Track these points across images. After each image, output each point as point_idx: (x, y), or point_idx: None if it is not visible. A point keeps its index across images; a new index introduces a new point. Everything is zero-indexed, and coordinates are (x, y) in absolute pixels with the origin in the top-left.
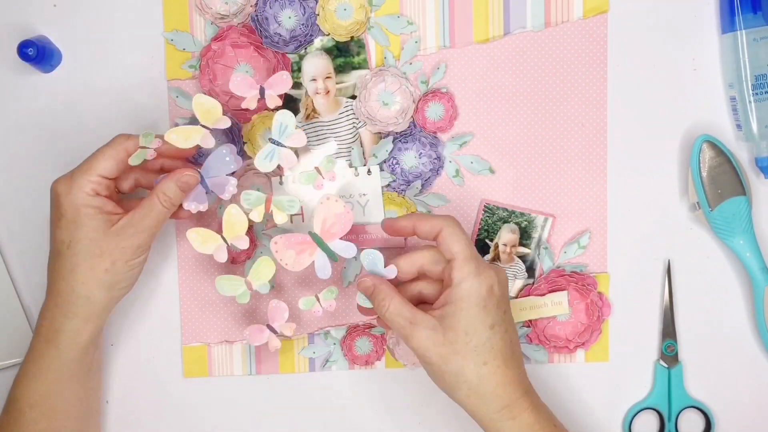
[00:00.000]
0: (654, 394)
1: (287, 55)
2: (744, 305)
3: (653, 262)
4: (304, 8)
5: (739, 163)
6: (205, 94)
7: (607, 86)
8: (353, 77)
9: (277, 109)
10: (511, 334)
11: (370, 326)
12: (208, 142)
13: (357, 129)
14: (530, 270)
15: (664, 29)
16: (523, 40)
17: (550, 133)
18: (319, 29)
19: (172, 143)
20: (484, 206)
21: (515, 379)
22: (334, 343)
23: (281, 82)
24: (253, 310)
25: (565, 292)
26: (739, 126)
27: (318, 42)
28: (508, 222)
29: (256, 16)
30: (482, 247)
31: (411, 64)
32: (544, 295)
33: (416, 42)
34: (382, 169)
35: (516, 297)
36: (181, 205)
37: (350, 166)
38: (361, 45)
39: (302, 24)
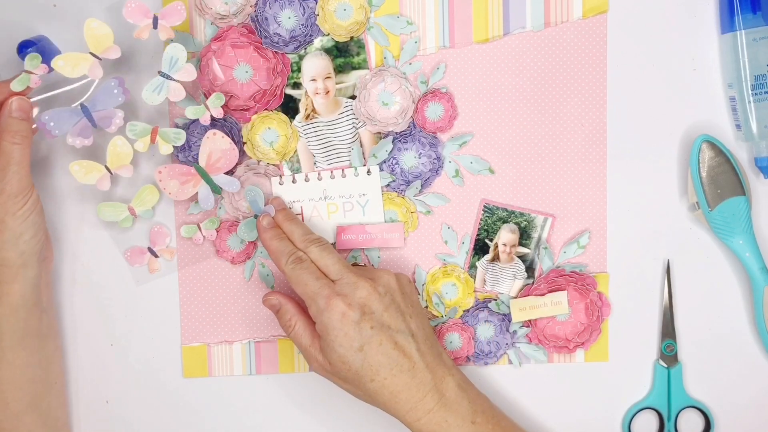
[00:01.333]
0: (653, 394)
1: (287, 55)
2: (744, 305)
3: (653, 262)
4: (304, 8)
5: (739, 163)
6: (205, 94)
7: (606, 86)
8: (353, 77)
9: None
10: (387, 344)
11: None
12: (96, 72)
13: (357, 129)
14: (530, 270)
15: (664, 29)
16: (522, 40)
17: (550, 133)
18: (319, 29)
19: (58, 70)
20: (484, 206)
21: (409, 384)
22: None
23: (175, 13)
24: (252, 310)
25: (564, 292)
26: (738, 126)
27: (318, 42)
28: (508, 222)
29: (256, 16)
30: (482, 247)
31: (411, 64)
32: (543, 294)
33: (416, 42)
34: (381, 170)
35: (516, 297)
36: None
37: (350, 166)
38: (360, 45)
39: (302, 24)
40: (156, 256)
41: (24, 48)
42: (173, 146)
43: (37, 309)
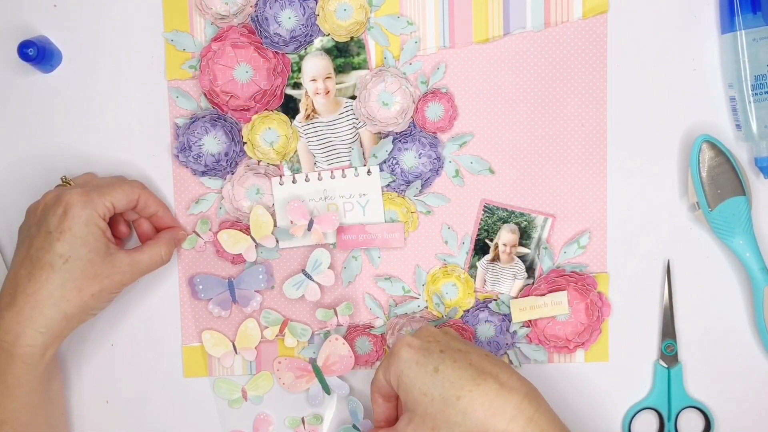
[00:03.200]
0: (654, 394)
1: (287, 55)
2: (744, 305)
3: (653, 262)
4: (304, 8)
5: (739, 163)
6: (205, 94)
7: (606, 86)
8: (353, 77)
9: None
10: (462, 361)
11: (370, 326)
12: (251, 255)
13: (357, 129)
14: (530, 270)
15: (664, 29)
16: (522, 41)
17: (550, 133)
18: (319, 29)
19: (221, 242)
20: (484, 206)
21: (500, 391)
22: None
23: (329, 222)
24: (253, 310)
25: (564, 292)
26: (738, 126)
27: (318, 42)
28: (508, 222)
29: (256, 16)
30: (482, 247)
31: (411, 64)
32: (544, 295)
33: (416, 42)
34: (381, 170)
35: (516, 297)
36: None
37: (350, 166)
38: (361, 45)
39: (302, 24)
40: (309, 229)
41: (24, 48)
42: (297, 340)
43: (54, 357)
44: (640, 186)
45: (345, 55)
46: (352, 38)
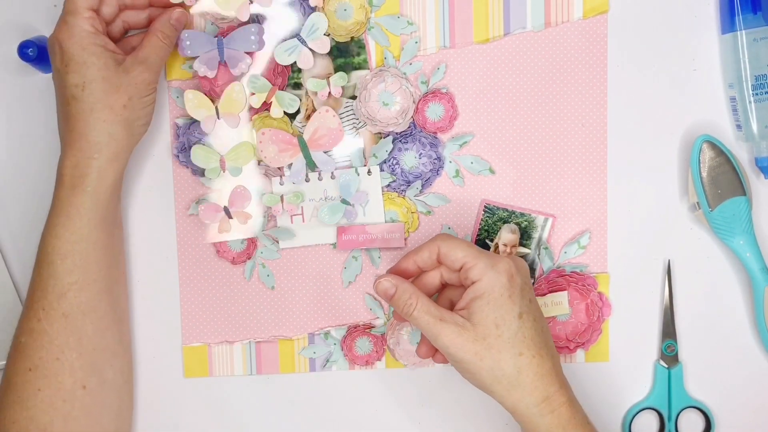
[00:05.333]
0: (654, 394)
1: None
2: (744, 305)
3: (653, 262)
4: (305, 9)
5: (739, 164)
6: (205, 95)
7: (607, 86)
8: (353, 78)
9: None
10: (541, 323)
11: (370, 326)
12: (244, 13)
13: (357, 129)
14: (530, 270)
15: (664, 29)
16: (523, 41)
17: (550, 133)
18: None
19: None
20: (485, 206)
21: (551, 371)
22: (335, 344)
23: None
24: (253, 310)
25: (565, 293)
26: (739, 126)
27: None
28: (509, 222)
29: (256, 16)
30: (483, 247)
31: (411, 64)
32: (544, 295)
33: (416, 42)
34: (382, 170)
35: None
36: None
37: (351, 166)
38: (361, 45)
39: (303, 24)
40: (230, 217)
41: (24, 48)
42: (284, 112)
43: (117, 196)
44: (640, 186)
45: (345, 55)
46: (352, 38)
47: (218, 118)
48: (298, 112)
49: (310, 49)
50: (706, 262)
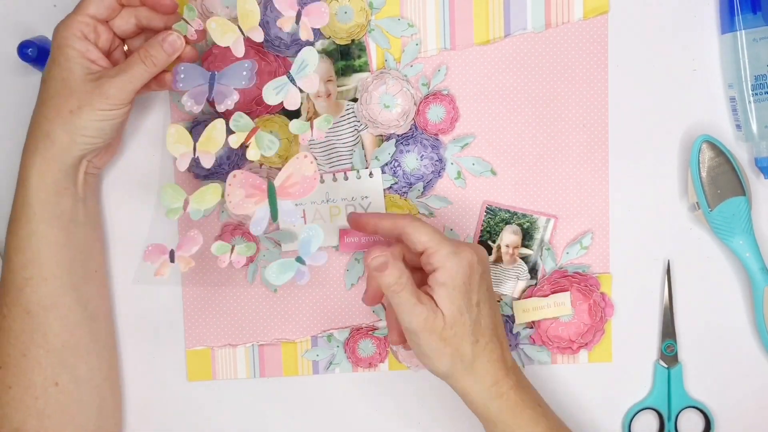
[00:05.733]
0: (654, 394)
1: (288, 58)
2: (744, 305)
3: (653, 262)
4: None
5: (739, 164)
6: (209, 103)
7: (608, 87)
8: (354, 80)
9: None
10: (494, 310)
11: (373, 328)
12: (239, 49)
13: (358, 132)
14: (533, 271)
15: (664, 29)
16: (523, 42)
17: (552, 133)
18: (320, 32)
19: (209, 31)
20: (486, 208)
21: (500, 357)
22: (338, 346)
23: (318, 14)
24: (256, 314)
25: (567, 293)
26: (738, 126)
27: (319, 45)
28: (510, 223)
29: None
30: (485, 249)
31: (412, 66)
32: (546, 296)
33: (417, 44)
34: (383, 172)
35: (519, 298)
36: (164, 74)
37: (352, 168)
38: (362, 48)
39: None
40: (172, 261)
41: (24, 48)
42: (261, 155)
43: (69, 196)
44: (640, 186)
45: (346, 57)
46: (353, 41)
47: (194, 155)
48: (299, 115)
49: (299, 88)
50: (705, 262)
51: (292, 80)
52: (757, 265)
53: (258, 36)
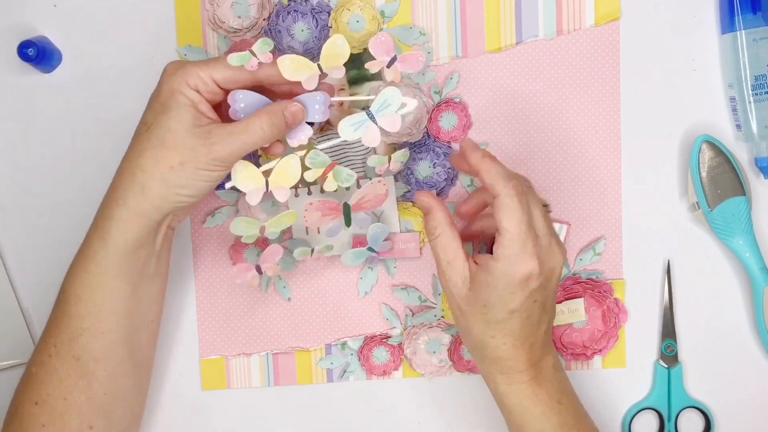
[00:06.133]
0: (654, 395)
1: None
2: (744, 305)
3: (653, 263)
4: (317, 21)
5: (739, 164)
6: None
7: (620, 93)
8: (367, 88)
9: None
10: (536, 322)
11: (387, 336)
12: (312, 83)
13: None
14: None
15: (664, 29)
16: (535, 49)
17: (564, 140)
18: None
19: (280, 66)
20: None
21: (521, 359)
22: (352, 354)
23: (414, 62)
24: (270, 322)
25: (581, 300)
26: (738, 126)
27: None
28: None
29: (269, 29)
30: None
31: (424, 74)
32: (560, 302)
33: (429, 52)
34: (396, 180)
35: None
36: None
37: (365, 176)
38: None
39: (315, 36)
40: (261, 273)
41: (24, 48)
42: (338, 186)
43: (146, 251)
44: (640, 186)
45: (358, 66)
46: (365, 49)
47: (266, 190)
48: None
49: (380, 127)
50: (705, 262)
51: (372, 118)
52: (757, 265)
53: (339, 73)
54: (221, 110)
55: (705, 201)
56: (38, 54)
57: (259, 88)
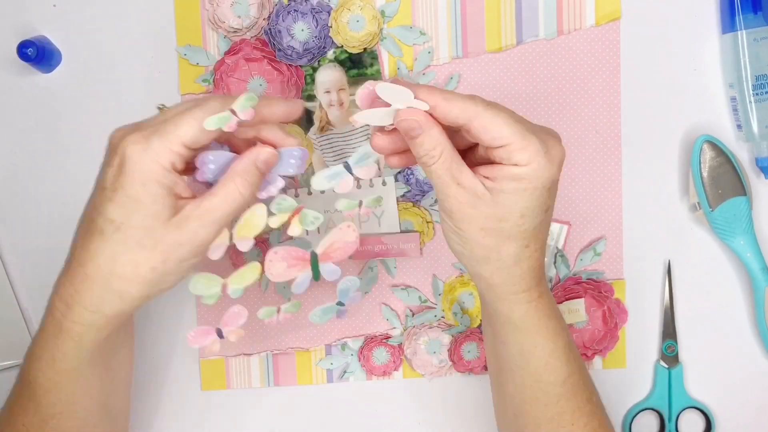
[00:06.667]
0: (654, 395)
1: (301, 67)
2: (744, 305)
3: (653, 263)
4: (317, 21)
5: (740, 164)
6: None
7: (620, 93)
8: None
9: None
10: (551, 213)
11: (387, 337)
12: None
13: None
14: (547, 278)
15: (665, 29)
16: (535, 49)
17: (564, 140)
18: (332, 41)
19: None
20: None
21: (542, 264)
22: (352, 354)
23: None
24: (269, 322)
25: (581, 300)
26: (739, 126)
27: (331, 54)
28: None
29: (269, 29)
30: None
31: (424, 74)
32: (560, 303)
33: (429, 52)
34: (396, 180)
35: None
36: None
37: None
38: (374, 56)
39: (315, 36)
40: (221, 337)
41: (24, 48)
42: (304, 230)
43: (121, 333)
44: (640, 186)
45: (358, 66)
46: (365, 49)
47: (229, 242)
48: (312, 124)
49: (354, 176)
50: (706, 263)
51: (349, 170)
52: (757, 265)
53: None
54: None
55: (706, 201)
56: (38, 54)
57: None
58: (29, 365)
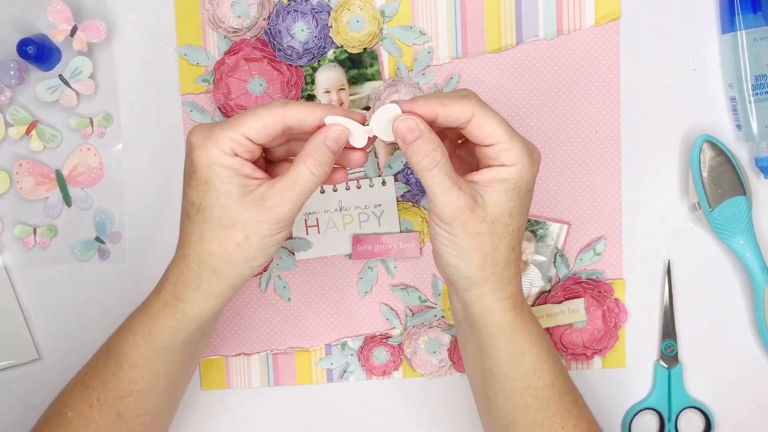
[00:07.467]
0: (654, 395)
1: (301, 67)
2: (744, 305)
3: (653, 263)
4: (317, 21)
5: (740, 163)
6: (219, 108)
7: (620, 92)
8: (367, 88)
9: None
10: (523, 229)
11: (387, 336)
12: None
13: None
14: (547, 278)
15: (664, 29)
16: (535, 49)
17: (564, 140)
18: (332, 41)
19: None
20: None
21: (520, 269)
22: (351, 354)
23: (95, 31)
24: (270, 322)
25: (581, 300)
26: (739, 126)
27: (331, 54)
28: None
29: (269, 29)
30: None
31: (424, 74)
32: (560, 302)
33: (429, 52)
34: (396, 180)
35: (533, 305)
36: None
37: (365, 177)
38: (374, 56)
39: (315, 36)
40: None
41: (24, 46)
42: (45, 146)
43: (213, 321)
44: (641, 186)
45: (358, 66)
46: (365, 49)
47: None
48: None
49: (75, 90)
50: (706, 262)
51: (66, 82)
52: (757, 265)
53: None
54: (260, 163)
55: (706, 201)
56: (38, 52)
57: (286, 139)
58: (122, 339)
